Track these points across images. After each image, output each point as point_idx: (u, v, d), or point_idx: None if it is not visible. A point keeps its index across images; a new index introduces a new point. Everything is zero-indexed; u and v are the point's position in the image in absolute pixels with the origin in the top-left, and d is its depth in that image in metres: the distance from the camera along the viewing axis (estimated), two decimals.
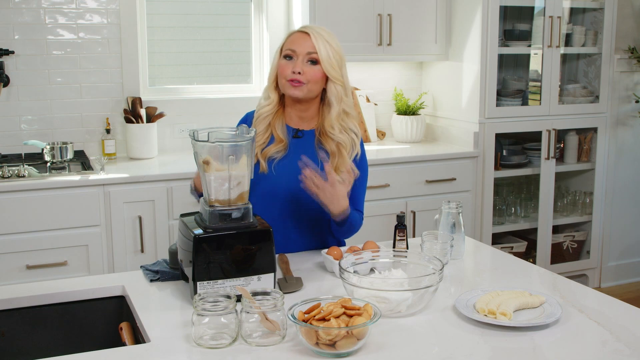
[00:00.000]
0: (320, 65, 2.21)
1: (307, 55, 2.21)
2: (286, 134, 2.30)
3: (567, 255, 4.44)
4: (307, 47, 2.21)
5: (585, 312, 1.76)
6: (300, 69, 2.20)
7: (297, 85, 2.21)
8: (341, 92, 2.25)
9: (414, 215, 3.84)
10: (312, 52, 2.21)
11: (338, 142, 2.26)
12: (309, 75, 2.21)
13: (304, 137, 2.30)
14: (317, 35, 2.22)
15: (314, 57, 2.21)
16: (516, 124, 4.11)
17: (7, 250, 3.10)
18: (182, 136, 3.91)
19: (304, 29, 2.26)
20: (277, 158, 2.27)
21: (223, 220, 1.81)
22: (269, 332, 1.58)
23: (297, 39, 2.24)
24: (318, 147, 2.28)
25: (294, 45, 2.23)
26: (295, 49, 2.22)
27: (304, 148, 2.27)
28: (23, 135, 3.64)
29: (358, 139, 2.32)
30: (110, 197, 3.24)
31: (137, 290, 1.94)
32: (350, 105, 2.30)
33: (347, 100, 2.28)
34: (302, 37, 2.23)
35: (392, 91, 4.40)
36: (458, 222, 2.22)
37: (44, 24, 3.62)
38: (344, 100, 2.26)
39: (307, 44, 2.21)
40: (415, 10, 4.04)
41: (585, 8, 4.33)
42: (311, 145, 2.29)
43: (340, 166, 2.23)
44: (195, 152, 1.85)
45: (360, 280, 1.74)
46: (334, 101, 2.24)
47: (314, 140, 2.30)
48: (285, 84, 2.23)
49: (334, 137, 2.25)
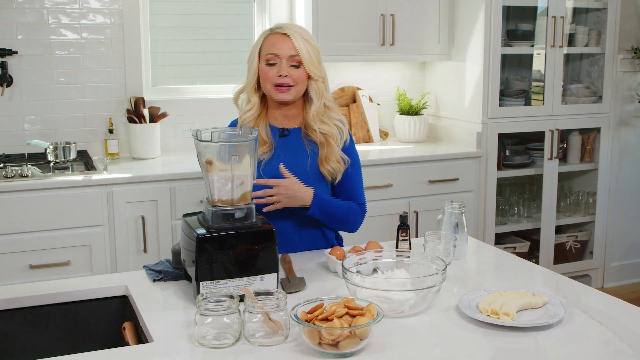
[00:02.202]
0: (303, 66, 2.23)
1: (290, 59, 2.23)
2: (270, 135, 2.31)
3: (570, 256, 4.43)
4: (289, 50, 2.22)
5: (588, 312, 1.76)
6: (286, 72, 2.22)
7: (286, 89, 2.24)
8: (322, 88, 2.29)
9: (416, 215, 3.84)
10: (295, 54, 2.22)
11: (324, 133, 2.28)
12: (295, 77, 2.23)
13: (290, 135, 2.32)
14: (297, 35, 2.23)
15: (297, 59, 2.23)
16: (519, 124, 4.11)
17: (10, 250, 3.10)
18: (185, 136, 3.91)
19: (281, 30, 2.25)
20: (264, 159, 2.29)
21: (226, 220, 1.81)
22: (272, 332, 1.58)
23: (277, 42, 2.24)
24: (307, 142, 2.30)
25: (275, 48, 2.23)
26: (277, 52, 2.23)
27: (291, 146, 2.30)
28: (26, 135, 3.64)
29: (345, 126, 2.34)
30: (113, 197, 3.24)
31: (140, 290, 1.94)
32: (330, 99, 2.33)
33: (327, 94, 2.32)
34: (281, 39, 2.24)
35: (395, 91, 4.40)
36: (461, 222, 2.22)
37: (47, 24, 3.62)
38: (325, 95, 2.30)
39: (288, 46, 2.22)
40: (418, 10, 4.04)
41: (588, 8, 4.32)
42: (299, 142, 2.31)
43: (329, 155, 2.27)
44: (198, 152, 1.85)
45: (363, 281, 1.74)
46: (315, 97, 2.28)
47: (301, 136, 2.32)
48: (271, 89, 2.25)
49: (319, 129, 2.28)
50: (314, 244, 2.34)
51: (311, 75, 2.25)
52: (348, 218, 2.31)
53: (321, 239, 2.36)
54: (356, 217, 2.33)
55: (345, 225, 2.34)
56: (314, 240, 2.34)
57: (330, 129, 2.28)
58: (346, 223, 2.33)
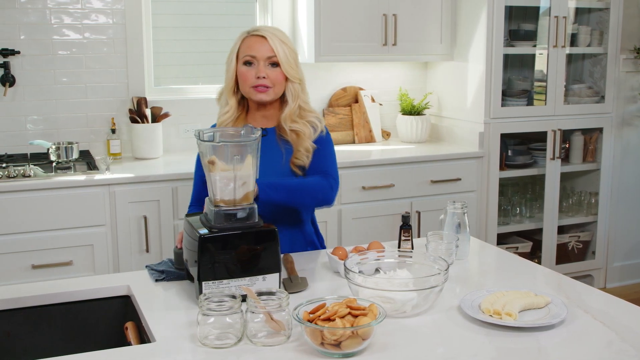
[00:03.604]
0: (280, 67, 2.26)
1: (268, 60, 2.25)
2: None
3: (572, 256, 4.43)
4: (266, 52, 2.25)
5: (591, 312, 1.75)
6: (264, 74, 2.24)
7: (264, 90, 2.26)
8: (298, 90, 2.31)
9: (419, 215, 3.84)
10: (272, 55, 2.25)
11: (294, 130, 2.29)
12: (272, 78, 2.26)
13: (267, 135, 2.33)
14: (273, 37, 2.26)
15: (274, 60, 2.26)
16: (521, 124, 4.10)
17: (12, 250, 3.11)
18: (187, 136, 3.91)
19: (258, 32, 2.29)
20: None
21: (228, 220, 1.81)
22: (274, 332, 1.58)
23: (254, 44, 2.27)
24: (280, 142, 2.32)
25: (252, 50, 2.26)
26: (255, 54, 2.26)
27: (267, 144, 2.29)
28: (28, 135, 3.64)
29: (321, 122, 2.35)
30: (116, 197, 3.24)
31: (142, 290, 1.94)
32: (306, 101, 2.35)
33: (304, 96, 2.34)
34: (258, 41, 2.27)
35: (397, 91, 4.40)
36: (463, 222, 2.22)
37: (49, 24, 3.62)
38: (300, 97, 2.32)
39: (265, 48, 2.25)
40: (421, 10, 4.04)
41: (590, 8, 4.31)
42: (273, 141, 2.33)
43: (299, 146, 2.28)
44: (201, 152, 1.85)
45: (365, 281, 1.74)
46: (290, 99, 2.30)
47: (276, 136, 2.34)
48: (250, 91, 2.28)
49: (291, 127, 2.29)
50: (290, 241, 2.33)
51: (288, 77, 2.28)
52: (310, 187, 2.24)
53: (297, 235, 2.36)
54: (321, 187, 2.25)
55: (312, 197, 2.25)
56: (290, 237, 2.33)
57: (300, 127, 2.29)
58: (312, 194, 2.24)
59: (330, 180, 2.28)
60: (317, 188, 2.25)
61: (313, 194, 2.24)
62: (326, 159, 2.34)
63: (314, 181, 2.25)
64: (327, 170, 2.31)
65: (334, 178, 2.31)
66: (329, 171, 2.31)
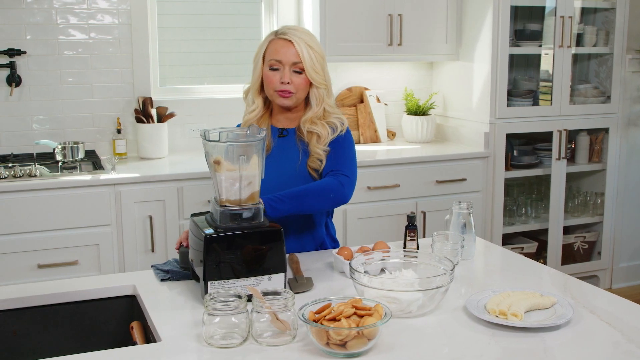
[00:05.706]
0: (305, 73, 2.25)
1: (293, 66, 2.24)
2: (270, 135, 2.34)
3: (578, 256, 4.42)
4: (292, 57, 2.24)
5: (597, 313, 1.75)
6: (288, 79, 2.24)
7: (287, 95, 2.26)
8: (323, 94, 2.30)
9: (424, 215, 3.83)
10: (297, 61, 2.24)
11: (312, 132, 2.28)
12: (296, 84, 2.25)
13: (288, 135, 2.34)
14: (300, 41, 2.24)
15: (299, 67, 2.24)
16: (527, 124, 4.10)
17: (18, 250, 3.11)
18: (193, 136, 3.92)
19: (285, 35, 2.26)
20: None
21: (234, 220, 1.82)
22: (280, 332, 1.58)
23: (280, 48, 2.25)
24: (299, 142, 2.32)
25: (278, 55, 2.25)
26: (281, 59, 2.24)
27: (286, 145, 2.32)
28: (34, 135, 3.65)
29: (342, 123, 2.32)
30: (121, 196, 3.25)
31: (148, 289, 1.95)
32: (331, 104, 2.33)
33: (329, 100, 2.32)
34: (285, 45, 2.25)
35: (403, 91, 4.39)
36: (469, 222, 2.22)
37: (55, 24, 3.63)
38: (325, 101, 2.31)
39: (291, 53, 2.24)
40: (426, 10, 4.04)
41: (596, 8, 4.30)
42: (293, 142, 2.33)
43: (312, 150, 2.27)
44: (206, 152, 1.85)
45: (370, 281, 1.74)
46: (314, 103, 2.29)
47: (295, 136, 2.34)
48: (274, 95, 2.28)
49: (308, 129, 2.28)
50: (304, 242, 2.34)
51: (312, 82, 2.27)
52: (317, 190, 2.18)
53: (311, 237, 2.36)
54: (330, 187, 2.19)
55: (324, 198, 2.19)
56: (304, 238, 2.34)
57: (318, 129, 2.27)
58: (322, 196, 2.18)
59: (340, 178, 2.22)
60: (326, 188, 2.19)
61: (323, 195, 2.17)
62: (340, 157, 2.29)
63: (320, 183, 2.22)
64: (339, 168, 2.26)
65: (346, 175, 2.24)
66: (341, 169, 2.26)
